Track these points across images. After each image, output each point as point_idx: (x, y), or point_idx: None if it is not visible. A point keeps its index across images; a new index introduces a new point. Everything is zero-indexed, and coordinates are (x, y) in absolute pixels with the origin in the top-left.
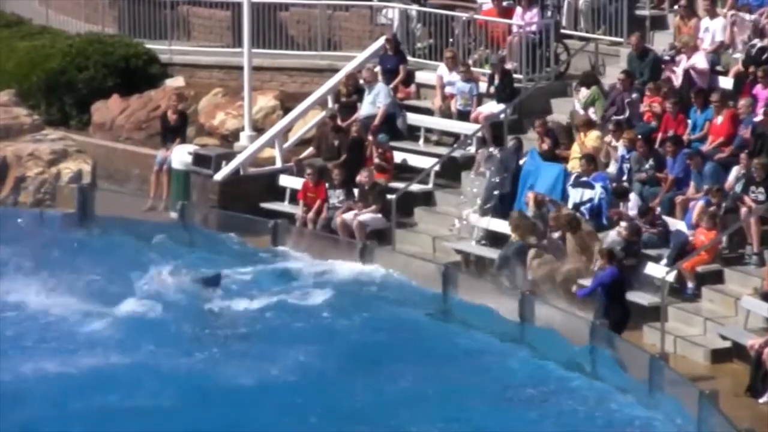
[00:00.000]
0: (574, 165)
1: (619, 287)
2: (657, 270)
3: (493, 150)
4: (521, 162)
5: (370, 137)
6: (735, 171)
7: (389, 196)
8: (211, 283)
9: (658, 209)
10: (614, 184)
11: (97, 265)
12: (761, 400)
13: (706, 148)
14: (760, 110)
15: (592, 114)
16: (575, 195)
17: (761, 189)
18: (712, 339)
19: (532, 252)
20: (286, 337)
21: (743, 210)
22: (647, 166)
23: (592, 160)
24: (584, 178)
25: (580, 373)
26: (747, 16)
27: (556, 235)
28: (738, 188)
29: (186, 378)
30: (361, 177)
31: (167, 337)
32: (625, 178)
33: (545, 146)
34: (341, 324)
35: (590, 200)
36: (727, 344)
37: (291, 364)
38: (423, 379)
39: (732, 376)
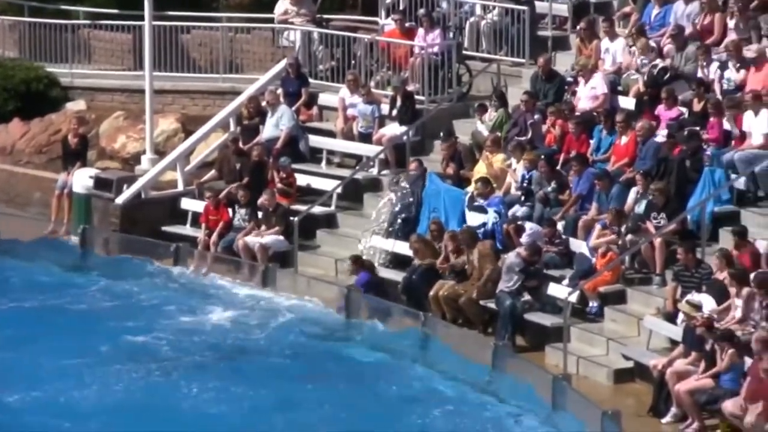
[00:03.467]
0: (473, 187)
1: (379, 287)
2: (559, 291)
3: (400, 176)
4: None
5: (273, 160)
6: (633, 192)
7: (292, 219)
8: None
9: (560, 226)
10: (509, 220)
11: None
12: (664, 420)
13: (609, 168)
14: (662, 131)
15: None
16: (471, 218)
17: (663, 214)
18: (614, 359)
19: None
20: (190, 363)
21: (647, 233)
22: (549, 188)
23: (488, 183)
24: (478, 202)
25: (482, 393)
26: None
27: (460, 259)
28: (639, 210)
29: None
30: (263, 200)
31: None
32: (522, 199)
33: (450, 170)
34: (244, 345)
35: (484, 224)
36: (630, 364)
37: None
38: (323, 399)
39: (635, 396)
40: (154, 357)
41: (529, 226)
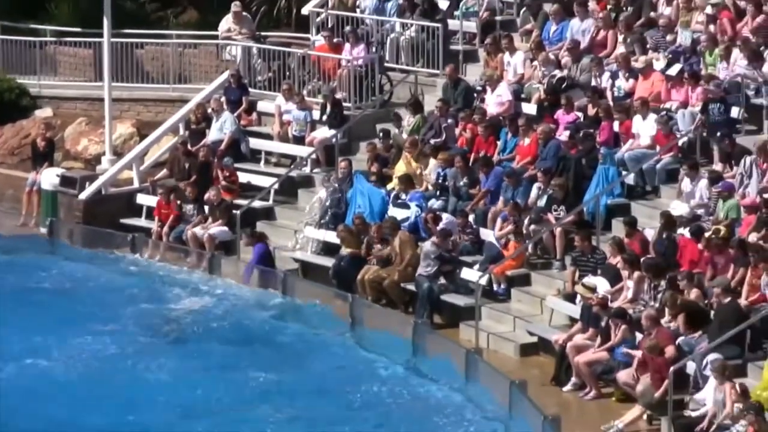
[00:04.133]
0: (395, 185)
1: (269, 258)
2: (471, 274)
3: (330, 174)
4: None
5: (217, 160)
6: (535, 188)
7: (234, 212)
8: None
9: (472, 218)
10: (427, 210)
11: None
12: (565, 389)
13: (514, 166)
14: (563, 133)
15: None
16: (395, 214)
17: (562, 207)
18: (521, 335)
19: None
20: (144, 342)
21: (548, 224)
22: (462, 182)
23: (407, 181)
24: (402, 199)
25: (403, 367)
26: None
27: (383, 248)
28: (541, 203)
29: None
30: (209, 195)
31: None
32: (438, 194)
33: (374, 168)
34: (196, 326)
35: (407, 219)
36: (534, 339)
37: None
38: (256, 372)
39: (539, 368)
40: (110, 336)
41: (445, 217)
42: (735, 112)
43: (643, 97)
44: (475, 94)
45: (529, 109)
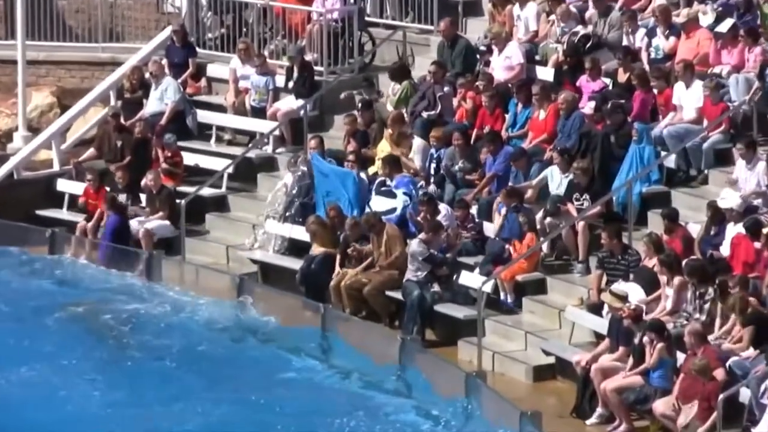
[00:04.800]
0: (378, 168)
1: (125, 233)
2: (472, 279)
3: (298, 155)
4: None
5: (157, 137)
6: (552, 171)
7: (178, 201)
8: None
9: (474, 210)
10: (422, 196)
11: None
12: (589, 422)
13: (526, 145)
14: (587, 104)
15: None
16: (378, 204)
17: (586, 195)
18: (533, 355)
19: (338, 263)
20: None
21: (568, 216)
22: (459, 166)
23: (392, 163)
24: (386, 186)
25: (388, 393)
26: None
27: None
28: (560, 191)
29: None
30: (147, 181)
31: None
32: (433, 181)
33: (351, 147)
34: (127, 340)
35: (393, 210)
36: (551, 360)
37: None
38: (217, 399)
39: (556, 396)
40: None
41: (444, 209)
42: None
43: (686, 59)
44: (478, 56)
45: (545, 74)
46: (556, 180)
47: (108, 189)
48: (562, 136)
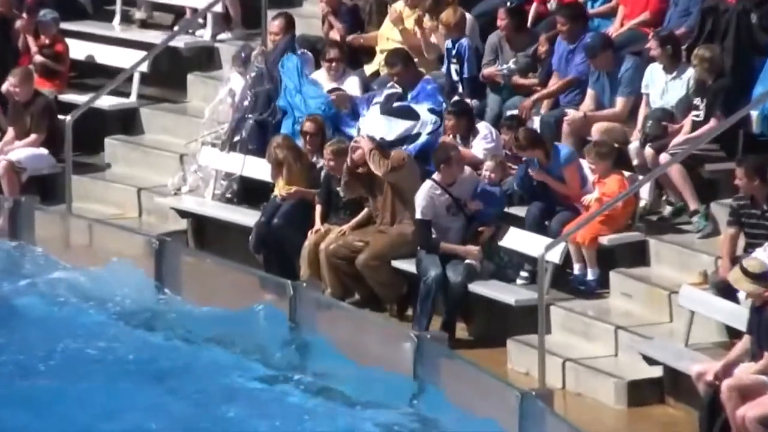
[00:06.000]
0: (379, 65)
1: None
2: (529, 242)
3: (252, 48)
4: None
5: (28, 15)
6: (653, 71)
7: (61, 118)
8: None
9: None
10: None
11: None
12: None
13: (615, 30)
14: None
15: None
16: (386, 128)
17: (716, 105)
18: (627, 363)
19: (318, 214)
20: None
21: (680, 135)
22: (513, 63)
23: (403, 60)
24: (399, 102)
25: (396, 425)
26: None
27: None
28: (667, 102)
29: None
30: (9, 85)
31: None
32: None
33: (335, 35)
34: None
35: (414, 136)
36: (656, 372)
37: None
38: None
39: (665, 427)
40: None
41: (484, 129)
42: None
43: None
44: None
45: None
46: (659, 84)
47: None
48: (673, 13)
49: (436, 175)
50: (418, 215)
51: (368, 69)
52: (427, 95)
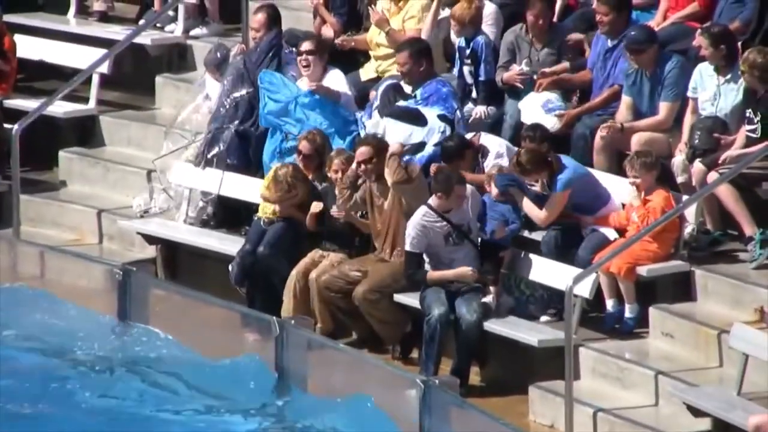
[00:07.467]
0: (375, 66)
1: None
2: (554, 274)
3: (232, 46)
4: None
5: None
6: (701, 72)
7: (8, 127)
8: None
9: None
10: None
11: None
12: None
13: (656, 24)
14: None
15: None
16: (389, 134)
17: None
18: (671, 414)
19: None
20: None
21: (733, 148)
22: (523, 66)
23: (414, 50)
24: (404, 101)
25: None
26: None
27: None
28: (722, 107)
29: None
30: None
31: None
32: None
33: (328, 31)
34: None
35: (419, 145)
36: (704, 425)
37: None
38: None
39: None
40: None
41: (496, 146)
42: None
43: None
44: None
45: None
46: (710, 89)
47: None
48: (725, 5)
49: (432, 200)
50: (406, 247)
51: (363, 74)
52: (440, 98)
